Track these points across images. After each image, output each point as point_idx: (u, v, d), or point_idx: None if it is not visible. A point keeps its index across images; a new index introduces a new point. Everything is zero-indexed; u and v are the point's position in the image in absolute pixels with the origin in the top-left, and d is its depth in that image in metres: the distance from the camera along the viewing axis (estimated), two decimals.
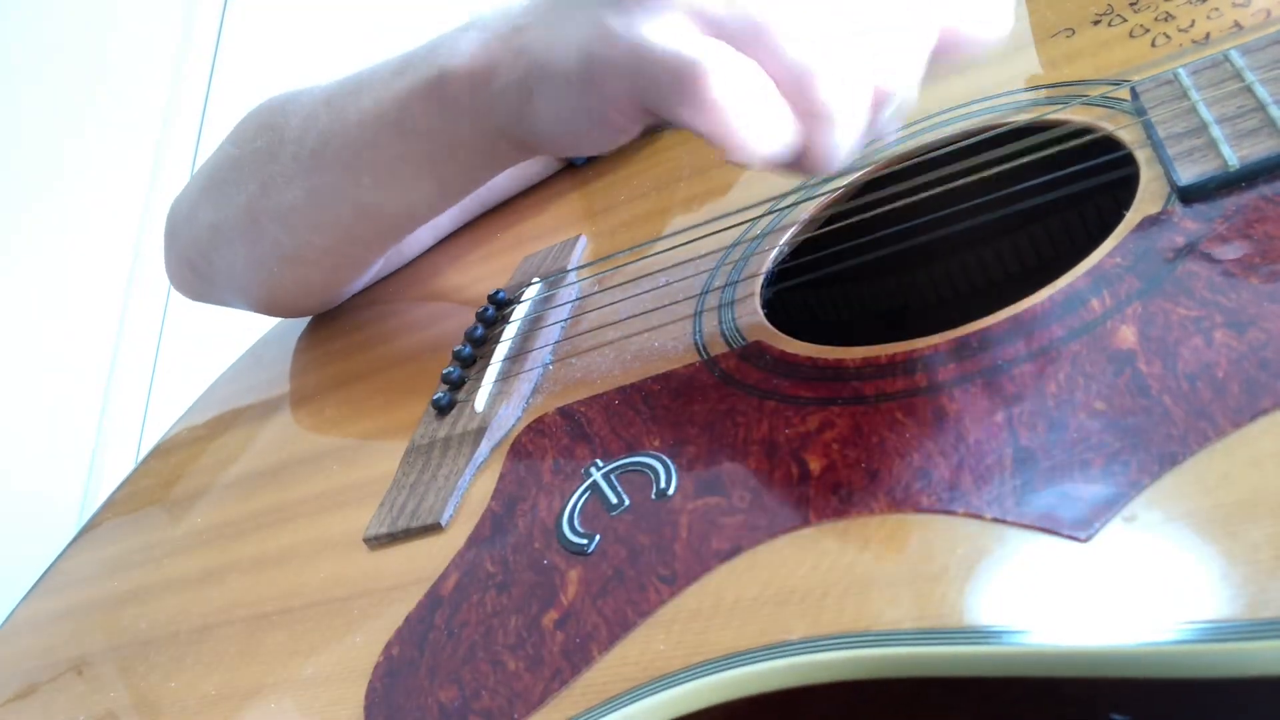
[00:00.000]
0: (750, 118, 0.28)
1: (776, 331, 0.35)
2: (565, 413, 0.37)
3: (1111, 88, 0.36)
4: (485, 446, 0.38)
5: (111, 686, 0.40)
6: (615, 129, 0.34)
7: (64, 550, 0.51)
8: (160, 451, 0.57)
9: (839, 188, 0.41)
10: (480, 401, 0.40)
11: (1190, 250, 0.28)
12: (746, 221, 0.42)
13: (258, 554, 0.42)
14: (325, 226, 0.49)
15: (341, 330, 0.57)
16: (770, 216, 0.42)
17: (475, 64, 0.38)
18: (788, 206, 0.42)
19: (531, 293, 0.46)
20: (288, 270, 0.53)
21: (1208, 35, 0.36)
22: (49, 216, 1.26)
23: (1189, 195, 0.29)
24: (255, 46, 1.35)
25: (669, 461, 0.32)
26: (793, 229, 0.41)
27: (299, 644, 0.35)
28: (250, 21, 1.39)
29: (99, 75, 1.34)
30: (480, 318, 0.46)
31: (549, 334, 0.43)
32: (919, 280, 0.50)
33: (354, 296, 0.60)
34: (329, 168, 0.46)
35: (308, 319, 0.61)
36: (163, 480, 0.53)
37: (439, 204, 0.48)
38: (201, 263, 0.55)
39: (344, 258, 0.53)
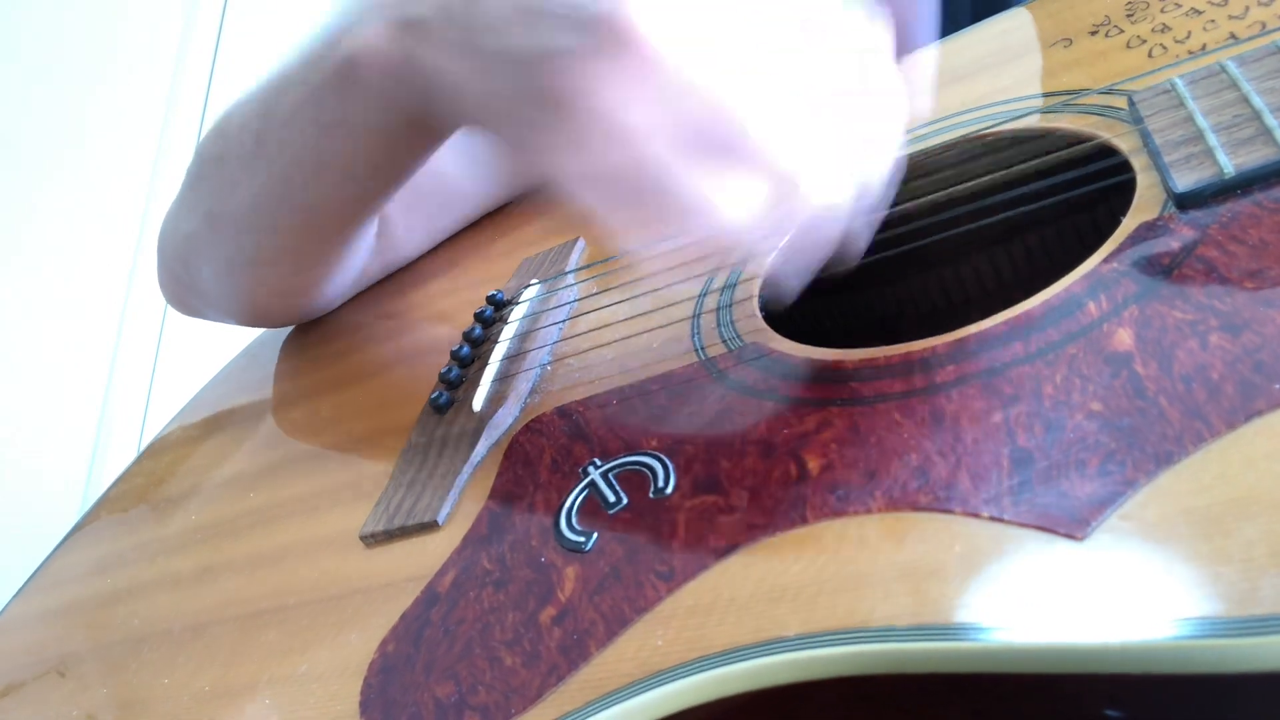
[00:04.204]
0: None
1: (774, 333, 0.36)
2: (563, 412, 0.37)
3: (1108, 96, 0.37)
4: (483, 446, 0.38)
5: (103, 684, 0.40)
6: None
7: (56, 549, 0.51)
8: (153, 451, 0.56)
9: None
10: (478, 401, 0.40)
11: (1186, 255, 0.28)
12: None
13: (252, 552, 0.42)
14: (273, 227, 0.49)
15: (339, 331, 0.57)
16: None
17: (377, 52, 0.36)
18: None
19: (530, 294, 0.47)
20: (251, 275, 0.52)
21: (1204, 46, 0.36)
22: (49, 216, 1.26)
23: (1185, 202, 0.30)
24: (255, 46, 1.35)
25: (667, 461, 0.32)
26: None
27: (293, 641, 0.35)
28: (250, 21, 1.39)
29: (99, 75, 1.34)
30: (479, 318, 0.46)
31: (547, 335, 0.43)
32: (914, 288, 0.50)
33: (352, 298, 0.60)
34: (264, 168, 0.46)
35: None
36: (156, 479, 0.53)
37: (371, 194, 0.46)
38: (184, 274, 0.55)
39: (302, 257, 0.52)
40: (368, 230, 0.53)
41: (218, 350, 0.63)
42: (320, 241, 0.51)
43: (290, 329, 0.60)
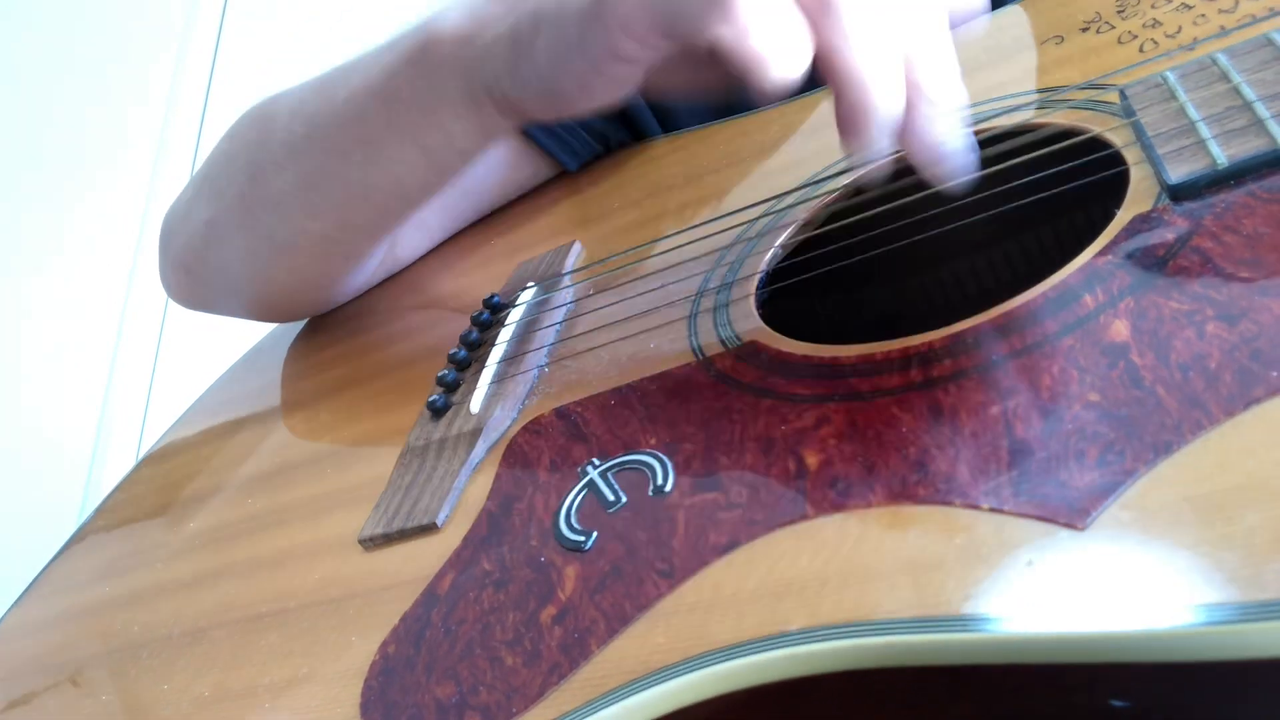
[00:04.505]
0: (776, 37, 0.29)
1: (772, 331, 0.36)
2: (561, 413, 0.37)
3: (1100, 91, 0.37)
4: (481, 447, 0.38)
5: (104, 690, 0.39)
6: (619, 74, 0.33)
7: (56, 555, 0.51)
8: (154, 457, 0.56)
9: (835, 190, 0.42)
10: (476, 403, 0.40)
11: (1181, 247, 0.28)
12: (743, 223, 0.43)
13: (252, 557, 0.42)
14: (318, 211, 0.49)
15: (336, 336, 0.57)
16: (767, 218, 0.42)
17: (463, 24, 0.38)
18: (784, 209, 0.42)
19: (527, 297, 0.47)
20: (282, 260, 0.52)
21: (1194, 40, 0.36)
22: (49, 217, 1.26)
23: (1179, 193, 0.30)
24: (255, 46, 1.35)
25: (666, 459, 0.32)
26: (789, 230, 0.41)
27: (294, 645, 0.35)
28: (250, 21, 1.39)
29: (99, 75, 1.34)
30: (475, 321, 0.46)
31: (544, 336, 0.43)
32: (911, 286, 0.50)
33: (348, 303, 0.59)
34: (319, 150, 0.46)
35: (301, 325, 0.61)
36: (156, 486, 0.53)
37: (429, 180, 0.47)
38: (196, 264, 0.55)
39: (337, 245, 0.53)
40: (411, 215, 0.53)
41: (218, 351, 0.63)
42: (357, 230, 0.51)
43: (288, 334, 0.60)
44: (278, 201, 0.49)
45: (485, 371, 0.42)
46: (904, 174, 0.41)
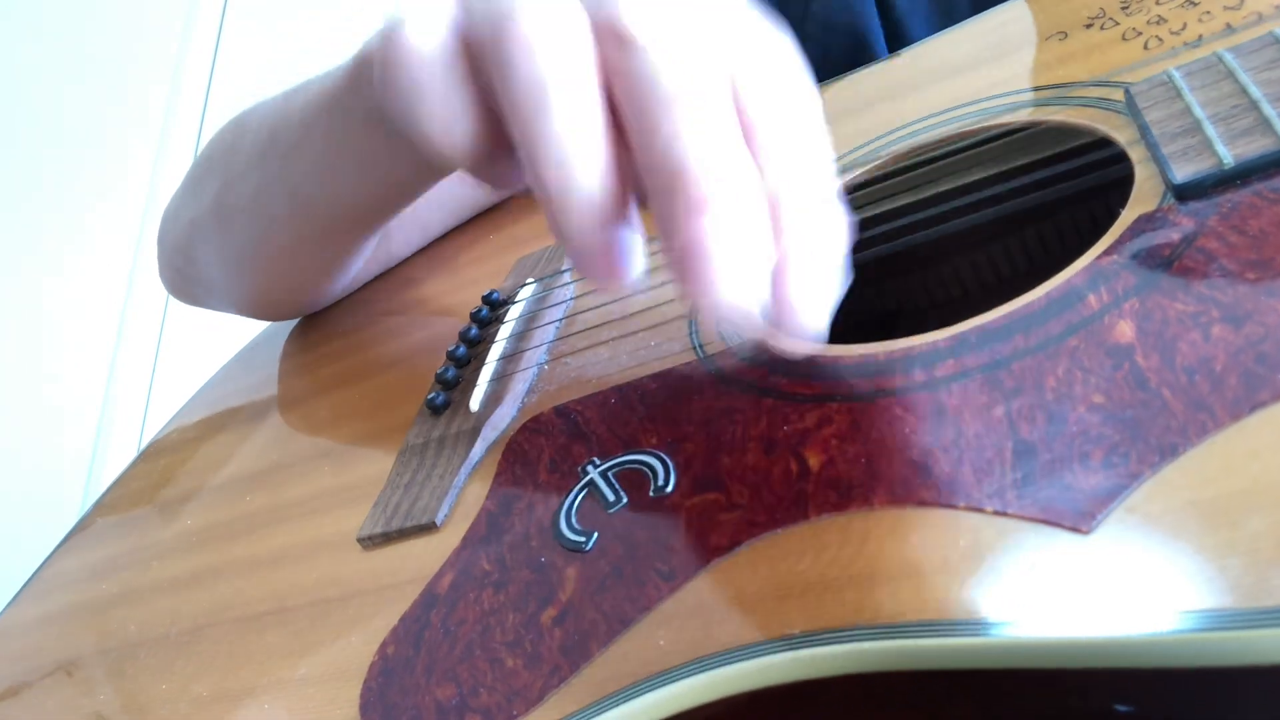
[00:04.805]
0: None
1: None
2: (561, 412, 0.37)
3: (1105, 89, 0.37)
4: (480, 446, 0.38)
5: (100, 689, 0.39)
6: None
7: (52, 553, 0.51)
8: (150, 454, 0.56)
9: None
10: (475, 401, 0.40)
11: (1186, 247, 0.28)
12: None
13: (249, 555, 0.42)
14: (275, 223, 0.48)
15: (334, 332, 0.57)
16: None
17: (373, 45, 0.35)
18: None
19: (526, 293, 0.46)
20: (256, 265, 0.52)
21: (1200, 37, 0.36)
22: (50, 216, 1.26)
23: (1184, 193, 0.29)
24: (255, 46, 1.35)
25: (667, 459, 0.32)
26: None
27: (292, 645, 0.35)
28: (250, 21, 1.39)
29: (99, 75, 1.34)
30: (475, 318, 0.46)
31: (544, 334, 0.43)
32: (914, 284, 0.50)
33: (346, 298, 0.59)
34: (273, 159, 0.46)
35: (297, 321, 0.60)
36: (153, 483, 0.53)
37: (373, 200, 0.45)
38: (185, 263, 0.55)
39: (304, 256, 0.52)
40: (368, 238, 0.53)
41: (218, 350, 0.63)
42: (316, 244, 0.51)
43: (286, 330, 0.60)
44: (242, 209, 0.49)
45: (485, 369, 0.42)
46: (903, 172, 0.41)
